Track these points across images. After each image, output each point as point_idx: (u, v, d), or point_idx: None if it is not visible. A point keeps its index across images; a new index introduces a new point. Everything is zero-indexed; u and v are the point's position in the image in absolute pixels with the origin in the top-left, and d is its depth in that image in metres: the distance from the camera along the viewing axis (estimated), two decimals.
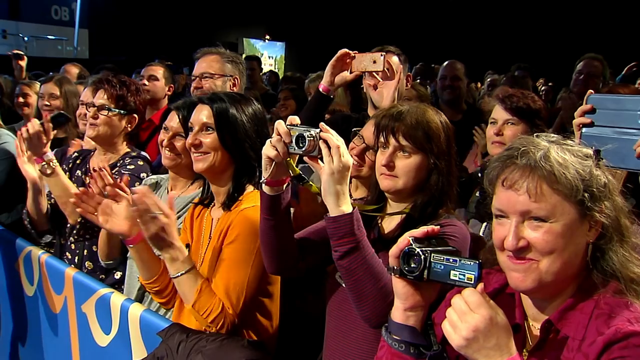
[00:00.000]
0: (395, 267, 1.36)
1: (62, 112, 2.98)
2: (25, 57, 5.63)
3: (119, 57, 13.79)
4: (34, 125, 2.67)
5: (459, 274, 1.28)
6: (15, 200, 4.06)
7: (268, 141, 1.70)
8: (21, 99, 4.51)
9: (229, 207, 2.06)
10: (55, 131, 2.79)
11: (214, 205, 2.17)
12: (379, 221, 1.95)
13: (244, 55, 12.00)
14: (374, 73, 2.62)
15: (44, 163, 2.68)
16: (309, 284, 2.39)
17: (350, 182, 2.57)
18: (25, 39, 17.29)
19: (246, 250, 1.95)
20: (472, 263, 1.27)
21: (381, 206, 1.95)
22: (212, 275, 2.00)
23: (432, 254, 1.32)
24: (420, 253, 1.32)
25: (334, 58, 2.62)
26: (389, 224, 1.93)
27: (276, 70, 20.07)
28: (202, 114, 2.08)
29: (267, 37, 27.57)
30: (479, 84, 9.39)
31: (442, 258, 1.31)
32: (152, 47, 16.25)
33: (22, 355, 3.11)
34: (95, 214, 2.15)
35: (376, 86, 2.72)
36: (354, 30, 20.91)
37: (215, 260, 2.01)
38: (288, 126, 1.68)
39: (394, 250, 1.37)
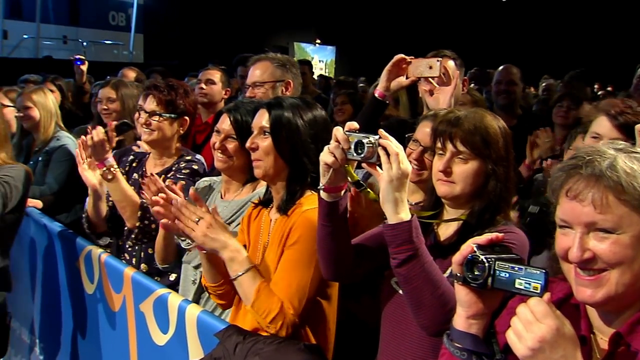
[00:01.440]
0: (459, 274, 1.35)
1: (125, 121, 3.06)
2: (86, 62, 5.79)
3: (172, 61, 14.07)
4: (98, 132, 2.74)
5: (525, 282, 1.25)
6: (74, 201, 4.20)
7: (326, 148, 1.69)
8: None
9: (284, 211, 2.07)
10: (117, 138, 2.85)
11: (272, 206, 2.19)
12: (435, 227, 1.93)
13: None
14: (430, 79, 2.60)
15: (105, 168, 2.73)
16: (365, 287, 2.38)
17: None
18: (84, 44, 17.87)
19: (308, 252, 1.95)
20: (538, 272, 1.24)
21: (437, 212, 1.92)
22: (271, 275, 2.01)
23: (497, 262, 1.29)
24: (485, 260, 1.30)
25: (389, 63, 2.60)
26: (445, 230, 1.91)
27: (327, 74, 20.10)
28: (262, 118, 2.10)
29: (318, 41, 27.69)
30: (532, 88, 9.22)
31: (506, 266, 1.28)
32: (204, 51, 16.52)
33: (82, 351, 3.19)
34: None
35: (432, 91, 2.69)
36: (405, 34, 20.80)
37: (276, 262, 2.02)
38: (346, 132, 1.67)
39: (457, 258, 1.35)
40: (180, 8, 19.68)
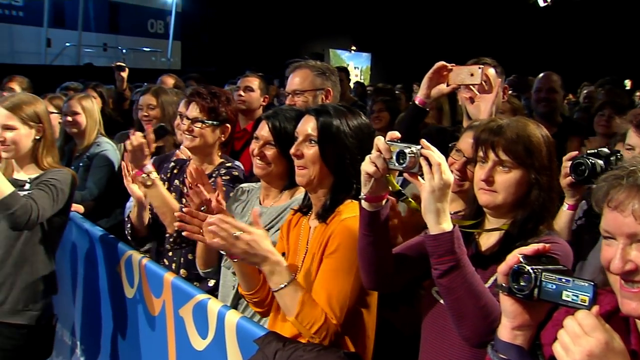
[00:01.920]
0: (504, 285, 1.33)
1: (162, 124, 3.09)
2: (127, 69, 5.89)
3: (209, 68, 14.24)
4: (137, 138, 2.77)
5: (572, 294, 1.23)
6: (114, 206, 4.27)
7: (367, 157, 1.69)
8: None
9: (324, 219, 2.06)
10: (155, 144, 2.88)
11: (312, 214, 2.18)
12: (476, 237, 1.90)
13: None
14: (471, 86, 2.58)
15: (144, 175, 2.76)
16: (403, 295, 2.37)
17: None
18: (123, 51, 18.25)
19: (348, 260, 1.94)
20: (586, 284, 1.22)
21: (479, 221, 1.90)
22: (311, 284, 2.00)
23: (543, 273, 1.27)
24: (531, 271, 1.28)
25: (430, 71, 2.58)
26: (487, 240, 1.88)
27: (362, 81, 20.10)
28: (308, 125, 2.09)
29: (353, 48, 27.73)
30: (570, 96, 9.07)
31: (553, 277, 1.26)
32: (241, 58, 16.71)
33: (122, 353, 3.24)
34: (201, 232, 2.13)
35: (473, 99, 2.66)
36: (441, 41, 20.68)
37: (315, 270, 2.01)
38: (388, 142, 1.67)
39: (502, 268, 1.34)
40: (217, 16, 19.94)
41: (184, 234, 2.20)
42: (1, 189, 2.64)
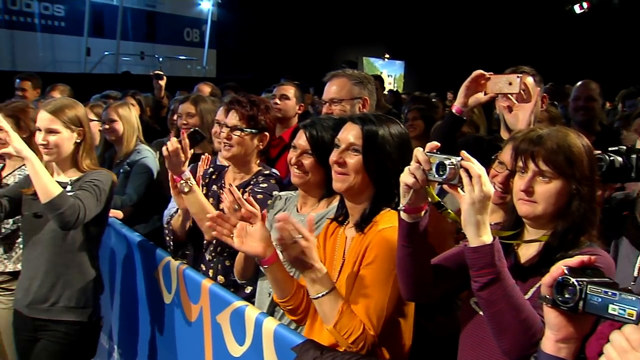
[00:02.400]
0: (548, 297, 1.31)
1: (197, 129, 3.12)
2: (165, 77, 5.98)
3: (244, 76, 14.37)
4: (172, 143, 2.80)
5: (619, 308, 1.21)
6: (152, 212, 4.33)
7: (406, 168, 1.69)
8: (175, 117, 4.80)
9: (361, 229, 2.06)
10: (192, 150, 2.91)
11: (348, 223, 2.18)
12: (516, 248, 1.88)
13: None
14: (509, 95, 2.55)
15: (182, 181, 2.80)
16: (439, 305, 2.35)
17: None
18: (160, 59, 18.55)
19: (385, 271, 1.94)
20: (634, 298, 1.19)
21: (518, 232, 1.88)
22: (348, 294, 2.00)
23: (588, 286, 1.25)
24: (576, 284, 1.26)
25: (468, 79, 2.56)
26: (526, 251, 1.86)
27: (395, 89, 20.06)
28: (351, 134, 2.08)
29: (387, 55, 27.69)
30: (608, 104, 8.91)
31: (599, 290, 1.24)
32: (275, 66, 16.82)
33: (159, 358, 3.28)
34: (231, 236, 2.18)
35: (511, 108, 2.64)
36: (475, 49, 20.51)
37: (352, 281, 2.01)
38: (427, 153, 1.66)
39: (547, 280, 1.32)
40: (252, 24, 20.12)
41: (213, 233, 2.23)
42: (51, 190, 2.71)
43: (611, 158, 2.23)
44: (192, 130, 3.08)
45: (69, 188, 2.94)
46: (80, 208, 2.77)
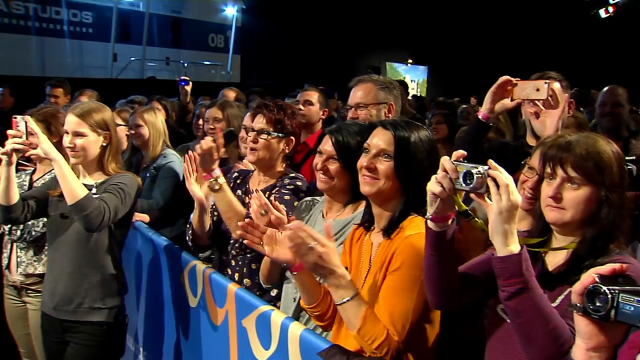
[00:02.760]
0: (579, 305, 1.30)
1: (232, 129, 3.15)
2: (191, 83, 6.04)
3: (268, 81, 14.44)
4: (207, 142, 2.83)
5: None
6: (178, 216, 4.37)
7: (433, 177, 1.68)
8: (200, 122, 4.86)
9: (389, 234, 2.06)
10: (224, 149, 2.93)
11: (374, 228, 2.18)
12: (543, 255, 1.87)
13: None
14: (536, 101, 2.53)
15: (212, 179, 2.82)
16: (466, 312, 2.34)
17: None
18: (185, 64, 18.73)
19: (411, 278, 1.94)
20: None
21: (546, 239, 1.87)
22: (374, 300, 2.00)
23: (620, 294, 1.24)
24: (607, 292, 1.25)
25: (494, 85, 2.55)
26: (553, 258, 1.84)
27: (419, 94, 20.01)
28: (381, 139, 2.08)
29: (410, 61, 27.63)
30: (635, 109, 8.78)
31: (631, 299, 1.22)
32: (299, 71, 16.86)
33: None
34: (261, 243, 2.20)
35: (538, 114, 2.62)
36: (499, 54, 20.36)
37: (377, 287, 2.01)
38: (455, 162, 1.66)
39: (577, 287, 1.31)
40: (276, 30, 20.23)
41: (244, 242, 2.25)
42: (77, 192, 2.74)
43: (629, 167, 2.21)
44: (227, 130, 3.11)
45: (94, 191, 2.97)
46: (105, 210, 2.80)
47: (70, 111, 3.03)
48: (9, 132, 2.81)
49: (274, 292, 2.81)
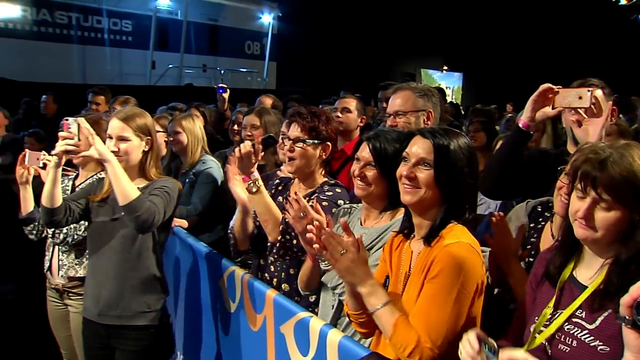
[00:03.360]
0: (628, 317, 1.28)
1: (270, 134, 3.18)
2: (228, 90, 6.10)
3: (303, 88, 14.51)
4: (246, 145, 2.86)
5: None
6: (216, 221, 4.42)
7: (462, 349, 1.70)
8: (235, 127, 4.91)
9: (429, 242, 2.05)
10: (263, 153, 2.95)
11: (414, 236, 2.17)
12: (574, 271, 1.83)
13: None
14: (579, 109, 2.49)
15: (250, 182, 2.84)
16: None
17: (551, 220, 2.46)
18: (222, 71, 18.96)
19: (449, 286, 1.92)
20: None
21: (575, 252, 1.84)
22: (412, 308, 1.99)
23: None
24: None
25: (535, 93, 2.52)
26: (585, 271, 1.80)
27: (454, 101, 19.88)
28: (421, 148, 2.06)
29: (445, 67, 27.47)
30: None
31: None
32: (334, 78, 16.92)
33: None
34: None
35: (580, 122, 2.57)
36: (535, 60, 20.10)
37: (417, 295, 2.00)
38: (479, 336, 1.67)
39: (626, 300, 1.28)
40: (311, 37, 20.34)
41: (315, 247, 2.21)
42: (130, 193, 2.78)
43: None
44: (266, 135, 3.14)
45: None
46: (155, 212, 2.84)
47: (114, 116, 3.07)
48: (61, 133, 2.84)
49: (312, 298, 2.82)
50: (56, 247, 3.68)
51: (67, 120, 2.86)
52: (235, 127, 4.92)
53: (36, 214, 3.74)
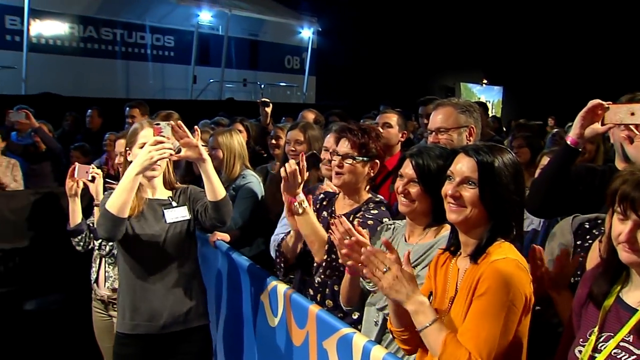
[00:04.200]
0: None
1: (314, 152, 3.18)
2: (271, 104, 6.15)
3: (342, 102, 14.56)
4: (290, 165, 2.87)
5: None
6: (256, 235, 4.44)
7: None
8: (274, 141, 4.94)
9: (475, 260, 2.03)
10: (308, 172, 2.96)
11: (460, 254, 2.15)
12: (621, 294, 1.78)
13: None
14: (631, 126, 2.43)
15: (296, 203, 2.85)
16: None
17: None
18: (262, 86, 19.17)
19: (498, 303, 1.89)
20: None
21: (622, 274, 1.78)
22: (460, 326, 1.97)
23: None
24: None
25: (584, 109, 2.46)
26: (633, 293, 1.75)
27: (495, 115, 19.67)
28: (465, 166, 2.04)
29: (485, 81, 27.23)
30: None
31: None
32: (373, 92, 16.94)
33: None
34: (360, 265, 2.15)
35: (632, 139, 2.51)
36: (576, 74, 19.77)
37: (464, 312, 1.97)
38: None
39: None
40: (350, 51, 20.43)
41: (348, 263, 2.25)
42: (221, 191, 2.97)
43: None
44: (310, 153, 3.14)
45: (173, 204, 3.13)
46: (231, 210, 3.01)
47: (147, 125, 3.13)
48: (156, 138, 2.81)
49: (355, 315, 2.80)
50: (103, 259, 3.76)
51: (158, 124, 2.85)
52: (274, 141, 4.95)
53: (84, 226, 3.84)
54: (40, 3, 13.95)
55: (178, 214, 3.11)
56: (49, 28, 15.53)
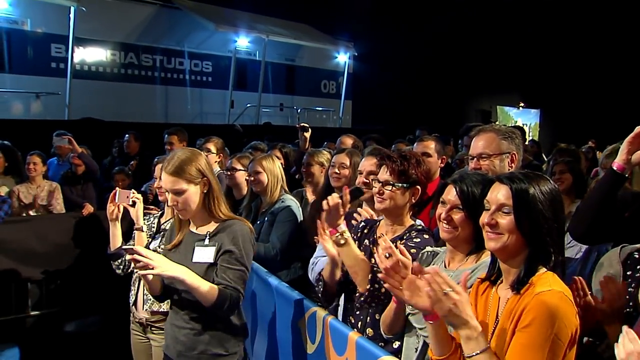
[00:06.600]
0: None
1: (358, 187, 3.19)
2: (310, 130, 6.19)
3: (378, 126, 14.57)
4: (333, 198, 2.86)
5: None
6: (293, 259, 4.45)
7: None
8: (304, 169, 4.99)
9: (517, 290, 2.00)
10: (350, 204, 2.94)
11: (501, 282, 2.12)
12: None
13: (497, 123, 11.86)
14: None
15: (337, 234, 2.83)
16: None
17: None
18: (298, 110, 19.32)
19: (542, 335, 1.86)
20: None
21: None
22: (501, 356, 1.94)
23: None
24: None
25: (631, 135, 2.43)
26: None
27: (531, 138, 19.45)
28: (500, 194, 2.05)
29: (522, 104, 26.94)
30: None
31: None
32: (409, 116, 16.93)
33: None
34: (401, 288, 2.17)
35: None
36: (616, 97, 19.43)
37: (506, 343, 1.95)
38: None
39: None
40: (386, 75, 20.49)
41: (385, 286, 2.23)
42: (209, 297, 2.81)
43: None
44: (354, 187, 3.15)
45: (206, 241, 2.96)
46: (238, 295, 2.85)
47: (163, 170, 2.96)
48: (134, 256, 2.73)
49: (395, 345, 2.77)
50: (141, 282, 3.79)
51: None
52: (304, 169, 5.01)
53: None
54: (84, 31, 14.35)
55: (204, 255, 2.95)
56: (92, 55, 16.01)
